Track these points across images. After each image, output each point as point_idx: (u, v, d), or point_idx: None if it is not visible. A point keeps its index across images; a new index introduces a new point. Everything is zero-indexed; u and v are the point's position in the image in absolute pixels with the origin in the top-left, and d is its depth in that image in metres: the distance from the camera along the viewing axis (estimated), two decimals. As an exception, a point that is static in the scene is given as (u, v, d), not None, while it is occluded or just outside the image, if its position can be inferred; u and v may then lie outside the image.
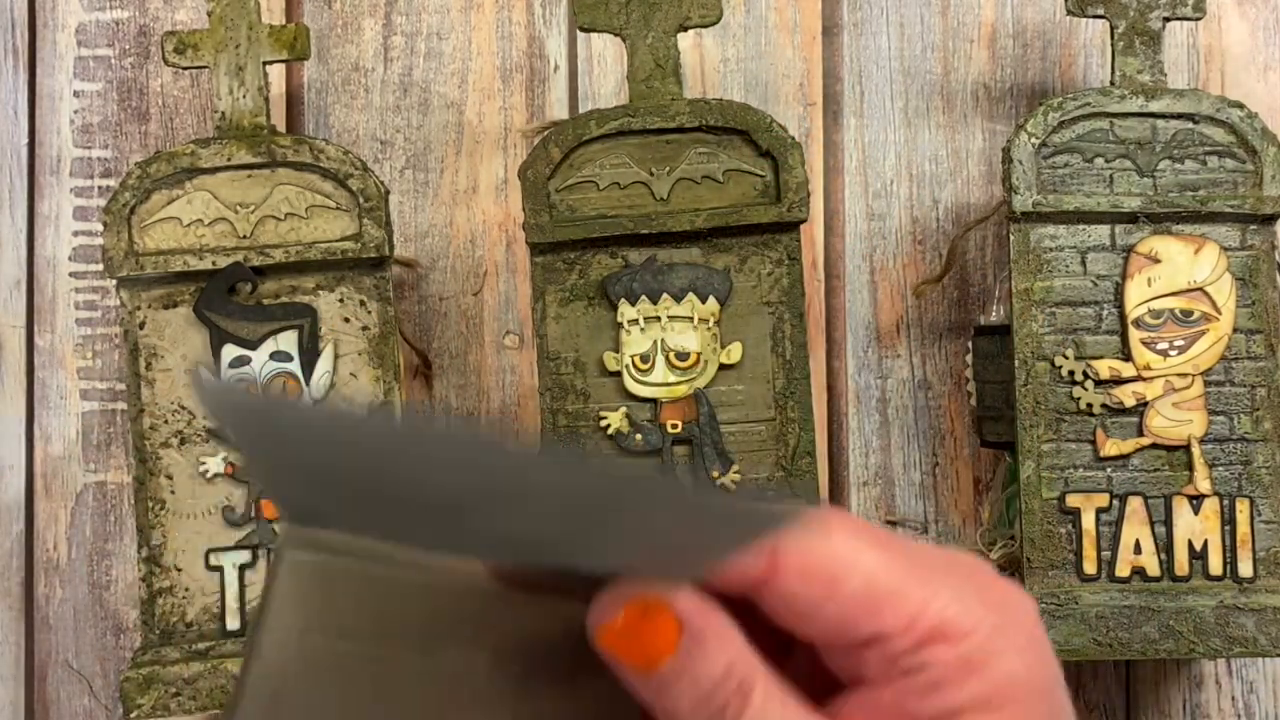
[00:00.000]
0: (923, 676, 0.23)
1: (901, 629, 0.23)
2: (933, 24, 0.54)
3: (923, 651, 0.23)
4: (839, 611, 0.23)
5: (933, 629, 0.23)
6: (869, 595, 0.23)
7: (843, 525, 0.24)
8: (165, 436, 0.46)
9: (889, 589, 0.23)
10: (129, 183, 0.46)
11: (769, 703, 0.23)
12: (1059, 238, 0.47)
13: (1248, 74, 0.55)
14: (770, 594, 0.23)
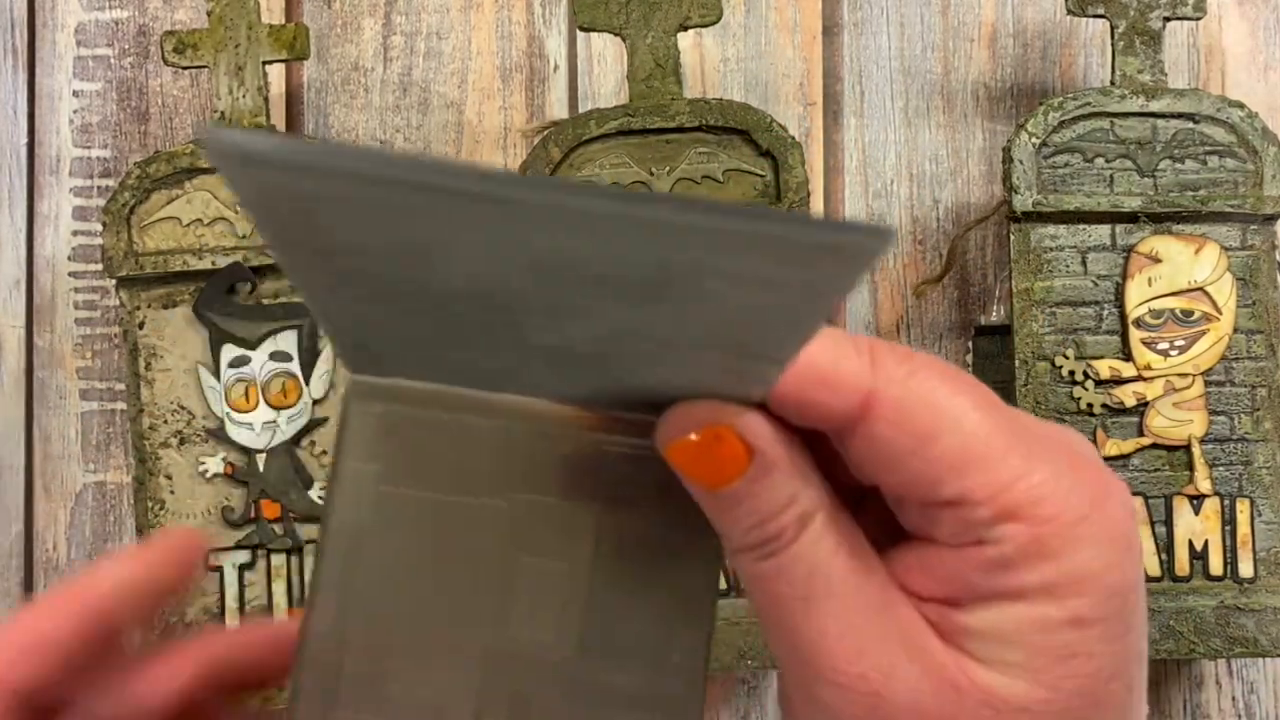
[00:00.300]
0: (993, 550, 0.22)
1: (986, 498, 0.22)
2: (933, 23, 0.54)
3: (1000, 526, 0.22)
4: (925, 468, 0.22)
5: (1017, 505, 0.22)
6: (962, 456, 0.22)
7: (945, 375, 0.22)
8: (164, 436, 0.46)
9: (983, 453, 0.22)
10: (128, 182, 0.46)
11: (822, 540, 0.22)
12: (1059, 237, 0.47)
13: (1248, 74, 0.55)
14: (857, 437, 0.22)
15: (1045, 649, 0.22)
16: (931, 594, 0.23)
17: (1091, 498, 0.22)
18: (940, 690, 0.22)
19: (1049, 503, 0.22)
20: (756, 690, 0.52)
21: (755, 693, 0.52)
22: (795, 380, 0.22)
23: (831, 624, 0.22)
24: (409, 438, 0.25)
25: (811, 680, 0.22)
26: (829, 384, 0.22)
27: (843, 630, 0.22)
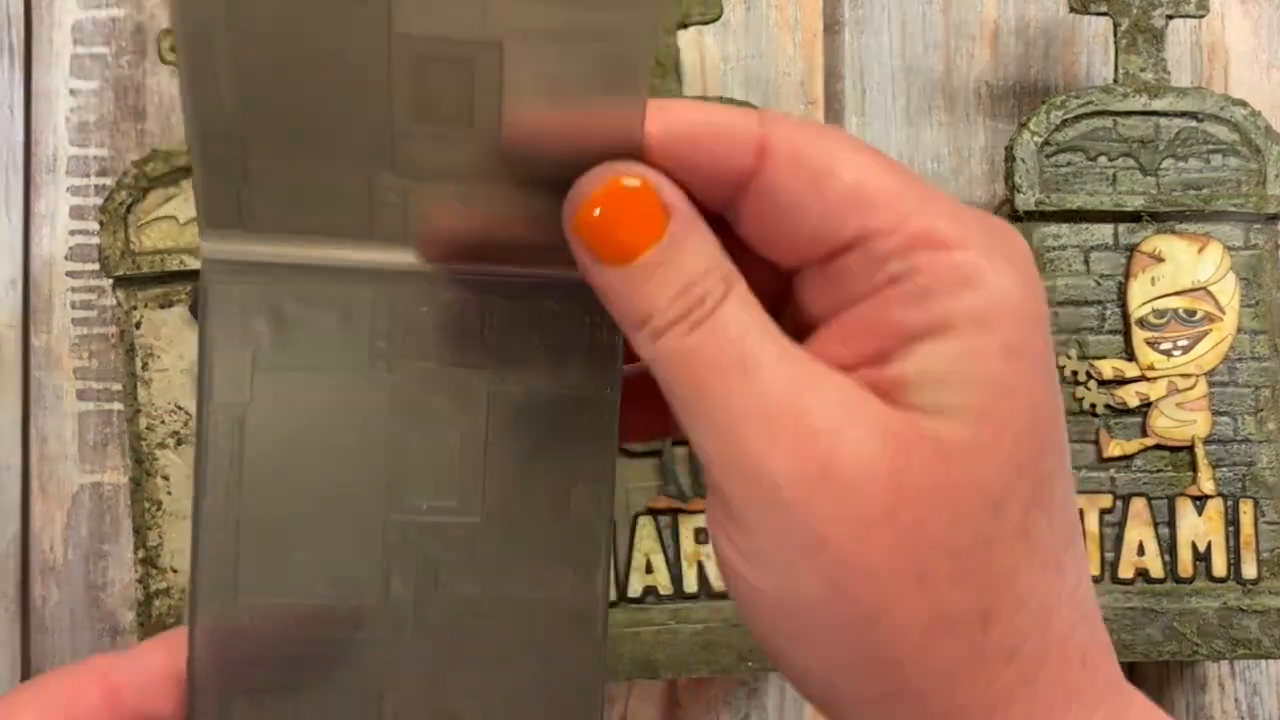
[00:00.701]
0: (911, 283, 0.21)
1: (891, 228, 0.21)
2: (934, 22, 0.54)
3: (913, 255, 0.21)
4: (825, 209, 0.22)
5: (925, 232, 0.21)
6: (860, 191, 0.22)
7: (831, 128, 0.23)
8: (162, 437, 0.46)
9: (881, 187, 0.22)
10: (125, 181, 0.46)
11: (748, 303, 0.22)
12: (1062, 237, 0.47)
13: (1251, 72, 0.54)
14: (752, 193, 0.22)
15: (984, 383, 0.21)
16: (857, 359, 0.22)
17: (990, 229, 0.22)
18: (888, 445, 0.21)
19: (956, 231, 0.21)
20: (757, 692, 0.52)
21: (755, 695, 0.52)
22: (689, 136, 0.22)
23: (773, 388, 0.21)
24: (280, 316, 0.24)
25: (755, 459, 0.21)
26: (722, 137, 0.22)
27: (785, 393, 0.21)
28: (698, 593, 0.46)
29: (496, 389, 0.25)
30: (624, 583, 0.46)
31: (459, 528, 0.25)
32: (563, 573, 0.25)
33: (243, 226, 0.24)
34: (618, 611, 0.45)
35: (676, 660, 0.44)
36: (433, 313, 0.24)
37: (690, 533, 0.46)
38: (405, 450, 0.25)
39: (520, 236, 0.24)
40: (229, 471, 0.24)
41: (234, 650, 0.24)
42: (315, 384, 0.24)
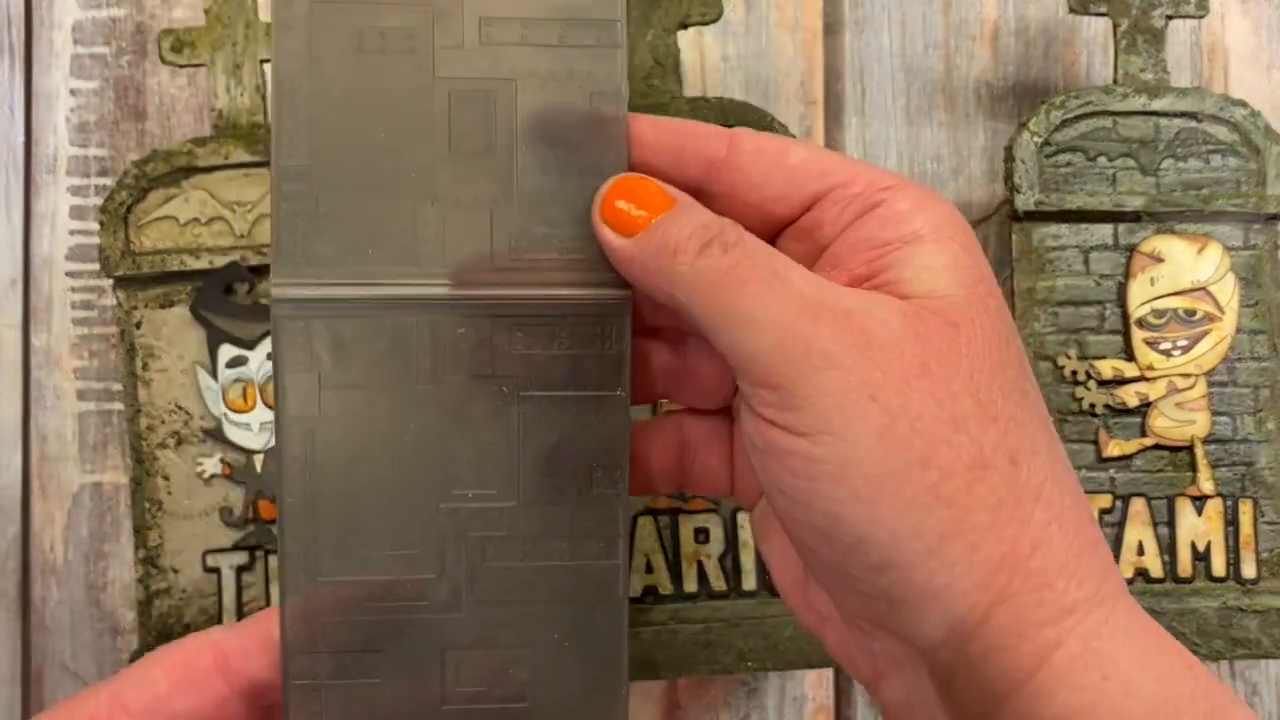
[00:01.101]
0: (882, 209, 0.27)
1: (848, 181, 0.28)
2: (934, 22, 0.54)
3: (874, 194, 0.27)
4: (788, 176, 0.28)
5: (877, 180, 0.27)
6: (813, 163, 0.28)
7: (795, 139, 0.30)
8: (162, 437, 0.46)
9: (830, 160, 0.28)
10: (125, 181, 0.46)
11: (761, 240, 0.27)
12: (1061, 237, 0.47)
13: (1251, 72, 0.54)
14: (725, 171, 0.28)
15: (961, 270, 0.26)
16: (852, 278, 0.27)
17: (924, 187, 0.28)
18: (909, 318, 0.25)
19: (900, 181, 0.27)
20: (757, 692, 0.52)
21: (755, 694, 0.52)
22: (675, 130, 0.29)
23: (805, 288, 0.25)
24: (338, 343, 0.29)
25: (805, 339, 0.25)
26: (700, 135, 0.29)
27: (816, 290, 0.26)
28: (698, 593, 0.46)
29: (526, 394, 0.30)
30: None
31: (499, 511, 0.30)
32: (588, 544, 0.30)
33: (308, 265, 0.29)
34: (618, 611, 0.46)
35: (676, 660, 0.44)
36: (468, 334, 0.29)
37: (690, 533, 0.46)
38: (451, 450, 0.29)
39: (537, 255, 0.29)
40: (304, 475, 0.29)
41: (317, 620, 0.29)
42: (372, 399, 0.29)
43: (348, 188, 0.29)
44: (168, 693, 0.29)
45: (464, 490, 0.29)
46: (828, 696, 0.52)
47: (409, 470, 0.29)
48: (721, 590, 0.46)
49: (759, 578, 0.46)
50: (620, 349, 0.30)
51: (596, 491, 0.30)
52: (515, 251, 0.29)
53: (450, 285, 0.29)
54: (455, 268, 0.29)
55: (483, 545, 0.30)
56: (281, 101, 0.29)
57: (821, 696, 0.52)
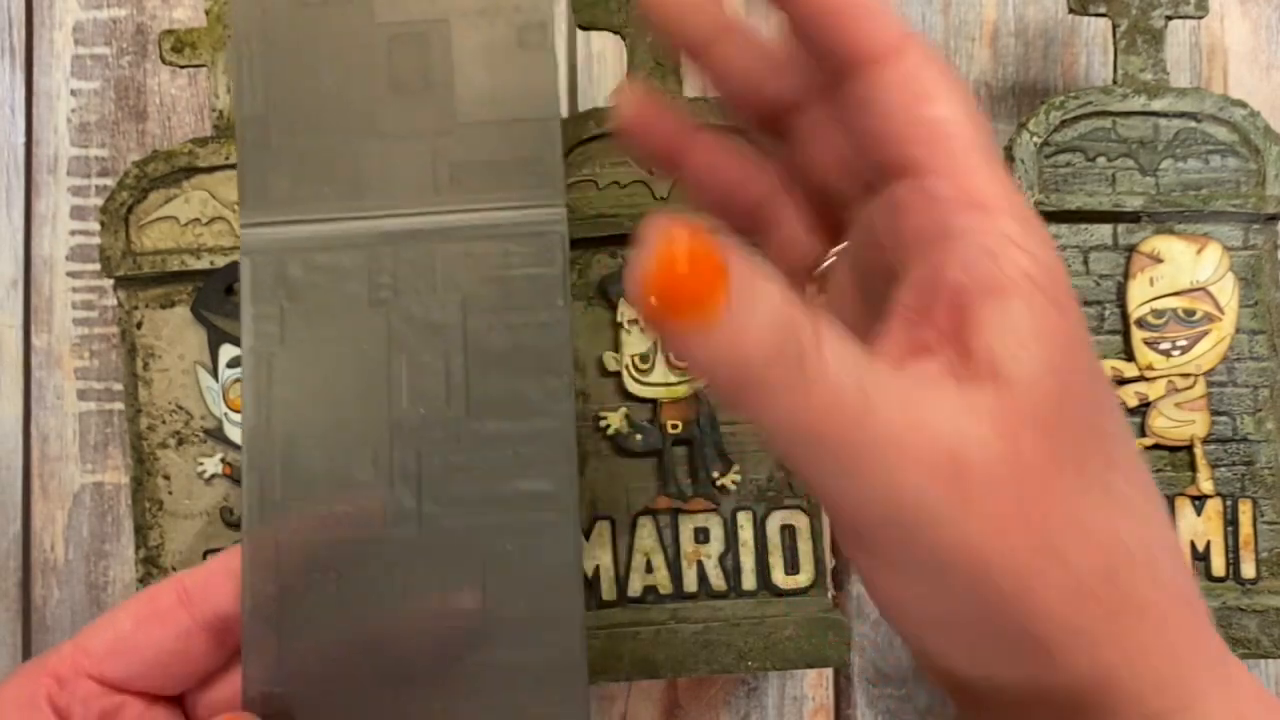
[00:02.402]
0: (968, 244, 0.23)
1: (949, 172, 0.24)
2: (934, 22, 0.54)
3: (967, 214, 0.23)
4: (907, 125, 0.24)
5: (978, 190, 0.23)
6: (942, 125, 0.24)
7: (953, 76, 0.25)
8: (163, 437, 0.46)
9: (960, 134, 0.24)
10: (126, 182, 0.46)
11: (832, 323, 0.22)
12: (1061, 237, 0.47)
13: (1250, 73, 0.54)
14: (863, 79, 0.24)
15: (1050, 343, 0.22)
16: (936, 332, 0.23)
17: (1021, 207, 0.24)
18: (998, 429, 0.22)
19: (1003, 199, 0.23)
20: (757, 691, 0.52)
21: (755, 694, 0.52)
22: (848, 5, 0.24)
23: (888, 414, 0.21)
24: (299, 276, 0.31)
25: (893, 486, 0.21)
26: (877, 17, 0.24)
27: (901, 412, 0.21)
28: (697, 592, 0.46)
29: (471, 317, 0.31)
30: (624, 582, 0.46)
31: (448, 429, 0.31)
32: (537, 455, 0.31)
33: (270, 204, 0.31)
34: (617, 611, 0.46)
35: (676, 660, 0.44)
36: (414, 261, 0.31)
37: (690, 533, 0.46)
38: (400, 371, 0.31)
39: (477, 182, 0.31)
40: (263, 404, 0.30)
41: (275, 545, 0.30)
42: (326, 326, 0.31)
43: (301, 131, 0.31)
44: (131, 630, 0.30)
45: (414, 408, 0.31)
46: (827, 696, 0.52)
47: (362, 392, 0.31)
48: (721, 590, 0.46)
49: (759, 578, 0.46)
50: (560, 265, 0.31)
51: (542, 405, 0.31)
52: (456, 180, 0.31)
53: (396, 216, 0.31)
54: (400, 198, 0.31)
55: (433, 463, 0.31)
56: (240, 56, 0.31)
57: (821, 696, 0.52)
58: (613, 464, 0.46)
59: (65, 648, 0.30)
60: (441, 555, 0.30)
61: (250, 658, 0.30)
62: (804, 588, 0.46)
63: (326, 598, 0.30)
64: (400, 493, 0.30)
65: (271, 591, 0.30)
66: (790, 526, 0.46)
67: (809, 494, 0.23)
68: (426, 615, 0.30)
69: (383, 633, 0.30)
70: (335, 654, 0.30)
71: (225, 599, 0.30)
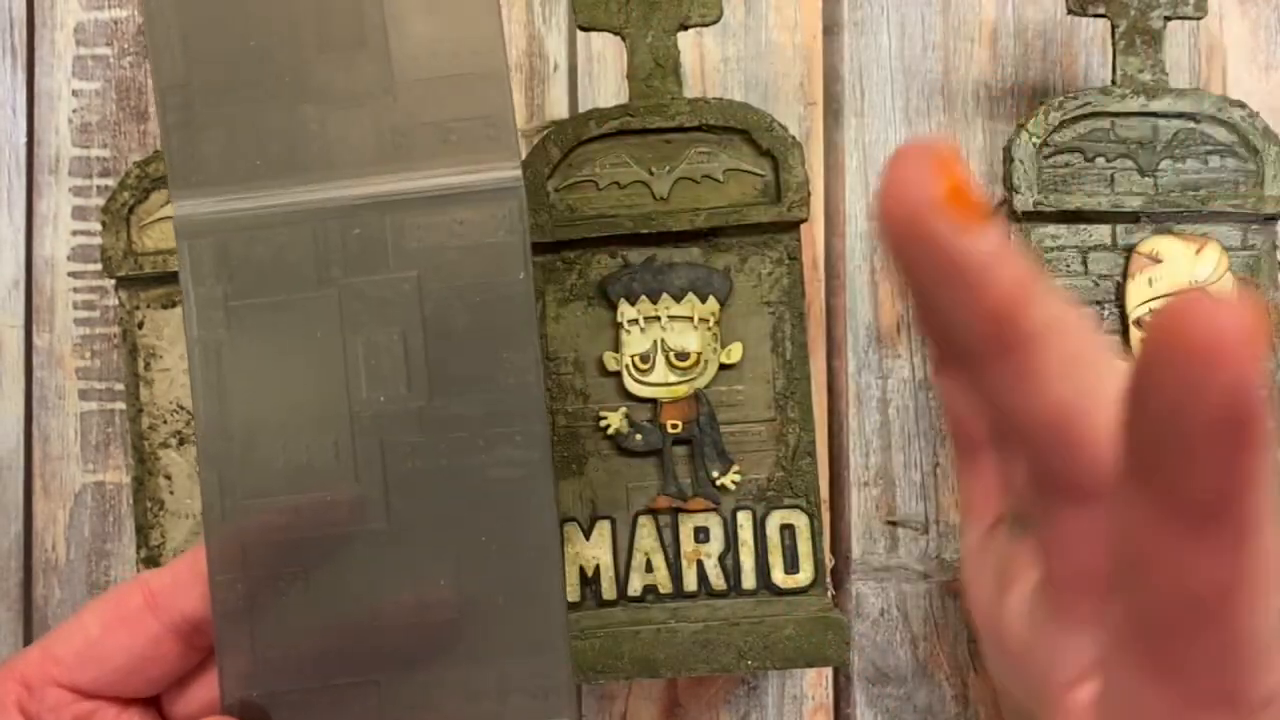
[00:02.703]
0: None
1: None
2: (933, 23, 0.54)
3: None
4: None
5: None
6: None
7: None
8: (164, 437, 0.46)
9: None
10: (128, 182, 0.46)
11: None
12: (1060, 237, 0.47)
13: (1249, 73, 0.55)
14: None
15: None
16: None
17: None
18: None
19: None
20: (757, 690, 0.52)
21: (755, 693, 0.52)
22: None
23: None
24: (241, 257, 0.29)
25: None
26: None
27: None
28: (697, 592, 0.46)
29: (428, 288, 0.29)
30: (624, 582, 0.46)
31: (411, 412, 0.29)
32: (507, 437, 0.29)
33: (202, 184, 0.29)
34: (618, 611, 0.46)
35: (676, 659, 0.44)
36: (363, 234, 0.29)
37: (690, 532, 0.46)
38: (357, 354, 0.29)
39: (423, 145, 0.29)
40: (215, 397, 0.29)
41: (240, 544, 0.28)
42: (275, 311, 0.29)
43: (226, 98, 0.29)
44: (99, 637, 0.29)
45: (375, 394, 0.29)
46: (827, 695, 0.52)
47: (318, 379, 0.29)
48: (721, 589, 0.46)
49: (759, 577, 0.46)
50: (519, 231, 0.29)
51: (508, 380, 0.29)
52: (400, 143, 0.29)
53: (339, 186, 0.29)
54: (342, 167, 0.29)
55: (398, 450, 0.29)
56: (153, 21, 0.28)
57: (821, 695, 0.52)
58: (613, 464, 0.46)
59: (33, 653, 0.29)
60: (413, 548, 0.29)
61: (225, 661, 0.29)
62: (804, 587, 0.46)
63: (297, 596, 0.29)
64: (365, 484, 0.29)
65: (240, 592, 0.29)
66: (790, 526, 0.46)
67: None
68: (401, 610, 0.29)
69: (358, 629, 0.29)
70: (311, 653, 0.29)
71: (193, 601, 0.29)
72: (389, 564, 0.29)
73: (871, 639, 0.52)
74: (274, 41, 0.28)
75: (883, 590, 0.52)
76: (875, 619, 0.52)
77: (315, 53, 0.29)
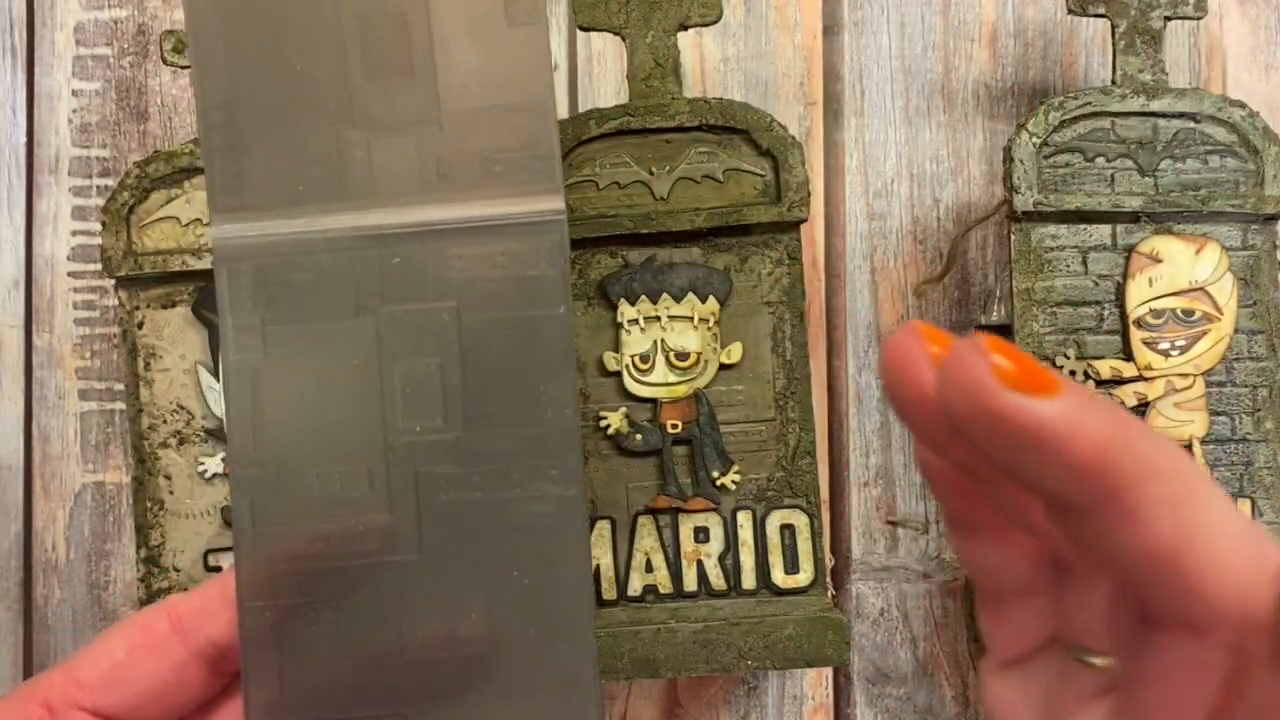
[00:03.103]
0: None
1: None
2: (933, 23, 0.54)
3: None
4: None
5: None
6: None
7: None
8: (164, 437, 0.46)
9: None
10: (127, 182, 0.46)
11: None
12: (1060, 237, 0.47)
13: (1249, 73, 0.55)
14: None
15: None
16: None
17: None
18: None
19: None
20: (756, 690, 0.52)
21: (755, 693, 0.52)
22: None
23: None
24: (279, 282, 0.29)
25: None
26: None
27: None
28: (697, 592, 0.46)
29: (466, 319, 0.28)
30: (624, 582, 0.46)
31: (447, 444, 0.28)
32: (542, 472, 0.28)
33: (242, 208, 0.28)
34: (618, 611, 0.46)
35: (676, 659, 0.44)
36: (403, 263, 0.28)
37: (690, 532, 0.46)
38: (394, 383, 0.28)
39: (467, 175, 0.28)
40: (250, 422, 0.28)
41: (271, 571, 0.28)
42: (313, 337, 0.28)
43: (270, 121, 0.28)
44: (124, 661, 0.29)
45: (410, 424, 0.28)
46: (827, 695, 0.52)
47: (354, 408, 0.28)
48: (721, 589, 0.46)
49: (759, 577, 0.46)
50: (560, 264, 0.28)
51: (545, 415, 0.28)
52: (444, 172, 0.28)
53: (381, 213, 0.28)
54: (385, 194, 0.28)
55: (432, 481, 0.28)
56: (198, 40, 0.28)
57: (820, 695, 0.52)
58: (613, 464, 0.46)
59: (56, 676, 0.29)
60: (444, 580, 0.28)
61: (252, 690, 0.28)
62: (804, 587, 0.46)
63: (327, 626, 0.28)
64: (399, 515, 0.28)
65: (269, 619, 0.28)
66: (790, 526, 0.46)
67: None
68: (431, 643, 0.28)
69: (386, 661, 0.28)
70: (338, 683, 0.28)
71: (220, 627, 0.29)
72: (420, 595, 0.28)
73: (871, 639, 0.52)
74: (321, 66, 0.28)
75: (883, 590, 0.52)
76: (875, 619, 0.52)
77: (362, 79, 0.28)
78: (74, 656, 0.29)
